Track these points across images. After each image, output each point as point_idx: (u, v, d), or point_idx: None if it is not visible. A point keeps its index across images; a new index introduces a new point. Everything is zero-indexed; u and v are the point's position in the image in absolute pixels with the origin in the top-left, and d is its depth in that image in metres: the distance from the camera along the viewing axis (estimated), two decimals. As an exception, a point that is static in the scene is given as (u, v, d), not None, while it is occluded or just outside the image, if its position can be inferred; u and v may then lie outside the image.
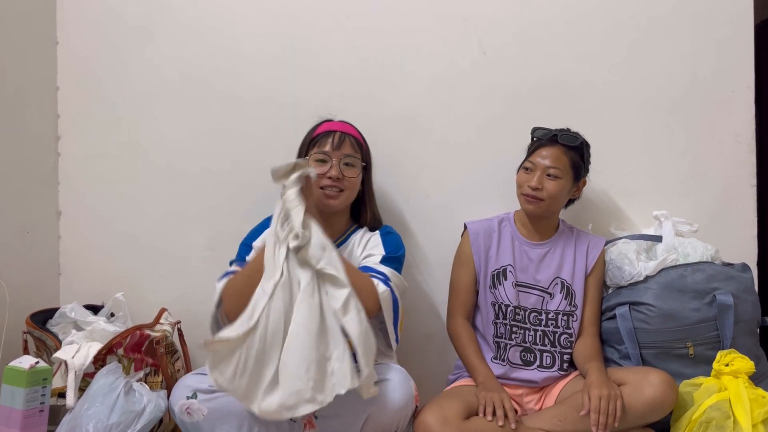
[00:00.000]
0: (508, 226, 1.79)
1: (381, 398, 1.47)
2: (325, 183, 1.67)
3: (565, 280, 1.73)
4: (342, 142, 1.70)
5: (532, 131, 1.78)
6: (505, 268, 1.74)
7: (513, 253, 1.75)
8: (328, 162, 1.68)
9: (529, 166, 1.71)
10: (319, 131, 1.73)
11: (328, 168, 1.68)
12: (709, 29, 1.93)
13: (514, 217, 1.81)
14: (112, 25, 2.11)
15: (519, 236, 1.77)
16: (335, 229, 1.73)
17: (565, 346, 1.71)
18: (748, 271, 1.73)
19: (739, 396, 1.46)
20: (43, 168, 2.07)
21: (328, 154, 1.68)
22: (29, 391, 1.59)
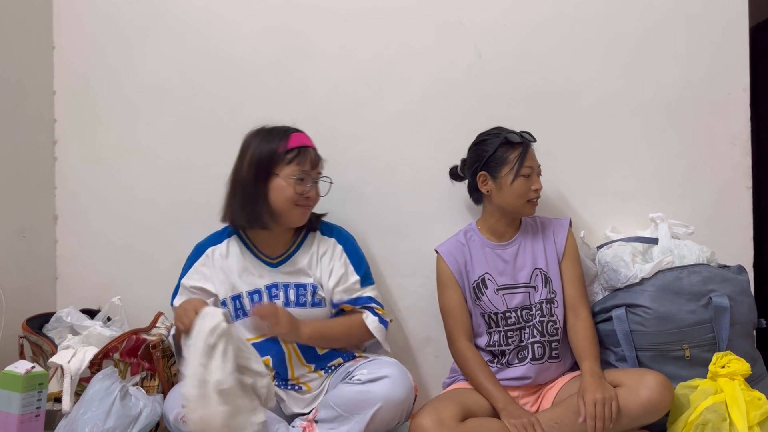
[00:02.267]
0: (474, 236, 1.79)
1: (384, 396, 1.49)
2: (302, 202, 1.66)
3: (542, 269, 1.73)
4: (317, 160, 1.69)
5: (509, 137, 1.71)
6: (483, 276, 1.74)
7: (486, 260, 1.75)
8: (306, 181, 1.65)
9: (528, 171, 1.70)
10: (292, 144, 1.66)
11: (308, 188, 1.66)
12: (704, 32, 1.93)
13: (478, 226, 1.80)
14: (108, 30, 2.11)
15: (488, 242, 1.77)
16: (285, 240, 1.74)
17: (552, 334, 1.70)
18: (744, 273, 1.73)
19: (735, 398, 1.46)
20: (39, 172, 2.07)
21: (308, 173, 1.66)
22: (25, 396, 1.59)
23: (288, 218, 1.67)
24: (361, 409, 1.49)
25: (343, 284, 1.71)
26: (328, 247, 1.74)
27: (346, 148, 1.97)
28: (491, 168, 1.72)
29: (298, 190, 1.64)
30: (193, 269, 1.74)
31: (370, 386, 1.51)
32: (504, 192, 1.71)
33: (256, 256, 1.72)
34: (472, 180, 1.78)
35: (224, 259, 1.73)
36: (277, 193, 1.64)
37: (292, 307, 1.68)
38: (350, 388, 1.53)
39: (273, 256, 1.72)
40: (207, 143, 2.07)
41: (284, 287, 1.70)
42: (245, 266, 1.71)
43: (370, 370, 1.54)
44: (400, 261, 1.99)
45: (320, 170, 1.71)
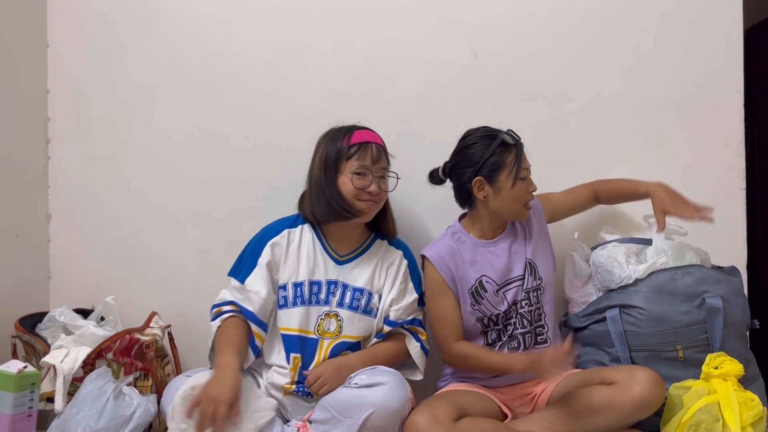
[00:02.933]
0: (462, 237, 1.73)
1: (378, 402, 1.48)
2: (364, 197, 1.67)
3: (531, 260, 1.71)
4: (380, 155, 1.69)
5: (505, 138, 1.65)
6: (480, 280, 1.69)
7: (481, 261, 1.71)
8: (367, 176, 1.67)
9: (525, 174, 1.66)
10: (354, 140, 1.68)
11: (369, 182, 1.67)
12: (699, 34, 1.94)
13: (464, 226, 1.75)
14: (102, 29, 2.10)
15: (479, 242, 1.72)
16: (354, 238, 1.76)
17: (537, 320, 1.70)
18: (738, 274, 1.74)
19: (728, 399, 1.46)
20: (33, 171, 2.06)
21: (368, 168, 1.67)
22: (17, 396, 1.58)
23: (354, 211, 1.67)
24: (354, 413, 1.48)
25: (402, 301, 1.72)
26: (395, 258, 1.75)
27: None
28: (487, 172, 1.65)
29: (357, 185, 1.65)
30: (269, 248, 1.71)
31: (365, 391, 1.50)
32: (502, 197, 1.66)
33: (326, 249, 1.74)
34: (463, 185, 1.70)
35: (298, 243, 1.73)
36: (342, 189, 1.66)
37: (345, 308, 1.70)
38: (347, 391, 1.53)
39: (341, 254, 1.74)
40: (200, 143, 2.06)
41: (342, 287, 1.71)
42: (314, 256, 1.72)
43: (369, 376, 1.53)
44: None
45: (384, 165, 1.70)
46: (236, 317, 1.66)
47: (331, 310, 1.69)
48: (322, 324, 1.69)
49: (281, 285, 1.70)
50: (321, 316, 1.69)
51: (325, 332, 1.68)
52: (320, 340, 1.67)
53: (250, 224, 1.82)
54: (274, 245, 1.71)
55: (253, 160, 2.03)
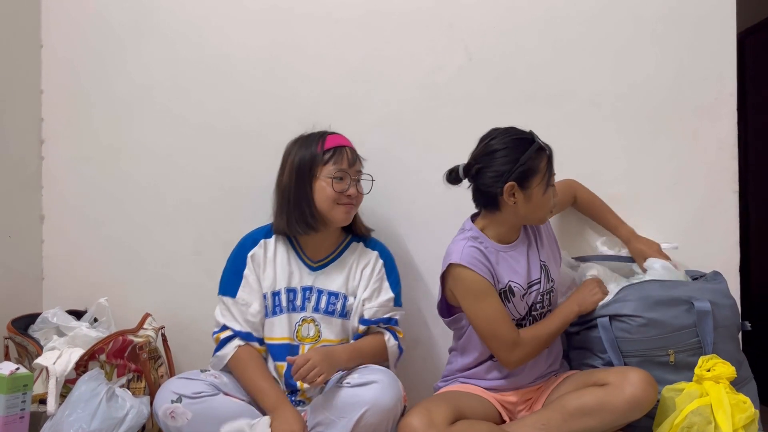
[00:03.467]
0: (484, 241, 1.66)
1: (371, 400, 1.48)
2: (344, 201, 1.68)
3: (544, 262, 1.71)
4: (355, 158, 1.72)
5: (544, 147, 1.63)
6: (509, 284, 1.65)
7: (505, 265, 1.66)
8: (345, 179, 1.68)
9: (554, 181, 1.64)
10: (328, 145, 1.69)
11: (347, 186, 1.68)
12: (692, 37, 1.94)
13: (482, 230, 1.68)
14: (97, 29, 2.10)
15: (500, 246, 1.67)
16: (329, 244, 1.77)
17: None
18: (720, 278, 1.75)
19: (720, 401, 1.47)
20: (26, 172, 2.06)
21: (346, 172, 1.68)
22: (9, 398, 1.57)
23: (332, 218, 1.69)
24: (348, 412, 1.48)
25: (377, 299, 1.72)
26: (370, 259, 1.76)
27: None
28: (521, 178, 1.59)
29: (337, 189, 1.66)
30: (250, 260, 1.72)
31: (358, 390, 1.50)
32: (533, 204, 1.61)
33: (300, 257, 1.75)
34: (488, 188, 1.61)
35: (273, 252, 1.74)
36: (319, 194, 1.67)
37: (320, 313, 1.72)
38: (340, 391, 1.52)
39: (315, 260, 1.75)
40: (195, 144, 2.06)
41: (317, 292, 1.72)
42: (289, 264, 1.73)
43: (361, 375, 1.54)
44: (389, 263, 1.99)
45: (359, 168, 1.73)
46: (245, 346, 1.67)
47: (308, 315, 1.72)
48: (300, 330, 1.71)
49: (263, 294, 1.72)
50: (298, 322, 1.71)
51: (304, 338, 1.71)
52: (301, 346, 1.70)
53: (244, 225, 1.82)
54: (254, 256, 1.73)
55: (248, 161, 2.03)
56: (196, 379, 1.58)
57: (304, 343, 1.70)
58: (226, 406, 1.56)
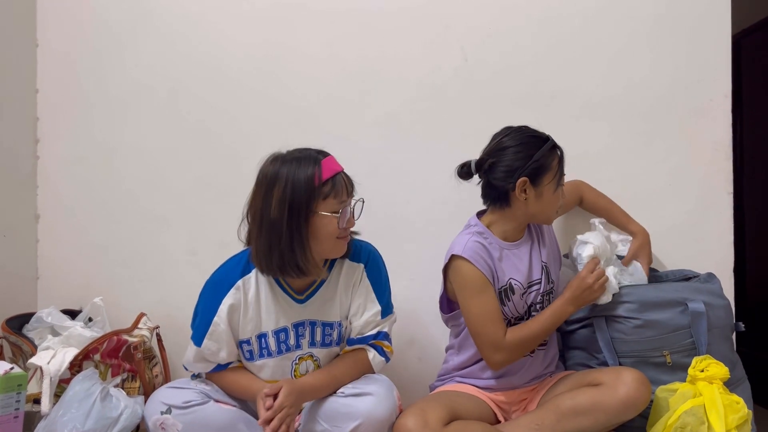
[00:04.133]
0: (489, 237, 1.66)
1: (367, 412, 1.46)
2: (343, 234, 1.50)
3: (546, 263, 1.71)
4: (351, 183, 1.53)
5: (557, 147, 1.65)
6: (510, 282, 1.65)
7: (508, 262, 1.67)
8: (345, 212, 1.49)
9: (564, 180, 1.67)
10: (326, 175, 1.47)
11: (347, 218, 1.51)
12: (687, 39, 1.94)
13: (488, 228, 1.68)
14: (93, 29, 2.10)
15: (504, 243, 1.67)
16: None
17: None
18: (714, 279, 1.75)
19: (713, 402, 1.47)
20: (21, 171, 2.06)
21: (345, 203, 1.49)
22: (4, 397, 1.57)
23: (332, 254, 1.53)
24: (342, 423, 1.46)
25: (363, 316, 1.58)
26: (356, 274, 1.59)
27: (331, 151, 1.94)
28: (533, 175, 1.60)
29: (342, 224, 1.48)
30: (223, 308, 1.54)
31: (353, 401, 1.48)
32: (543, 201, 1.62)
33: (285, 291, 1.57)
34: (500, 183, 1.62)
35: (255, 292, 1.55)
36: (320, 231, 1.47)
37: (318, 347, 1.60)
38: (334, 400, 1.51)
39: (300, 291, 1.57)
40: (191, 144, 2.06)
41: (311, 325, 1.58)
42: (274, 301, 1.56)
43: (355, 385, 1.52)
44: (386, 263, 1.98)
45: (352, 195, 1.53)
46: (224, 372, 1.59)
47: (304, 352, 1.59)
48: (298, 368, 1.60)
49: (245, 340, 1.57)
50: (295, 361, 1.59)
51: (303, 375, 1.58)
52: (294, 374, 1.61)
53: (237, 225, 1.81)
54: (230, 306, 1.54)
55: (244, 161, 2.02)
56: (186, 388, 1.55)
57: None
58: (217, 413, 1.53)
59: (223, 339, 1.54)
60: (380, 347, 1.61)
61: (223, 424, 1.53)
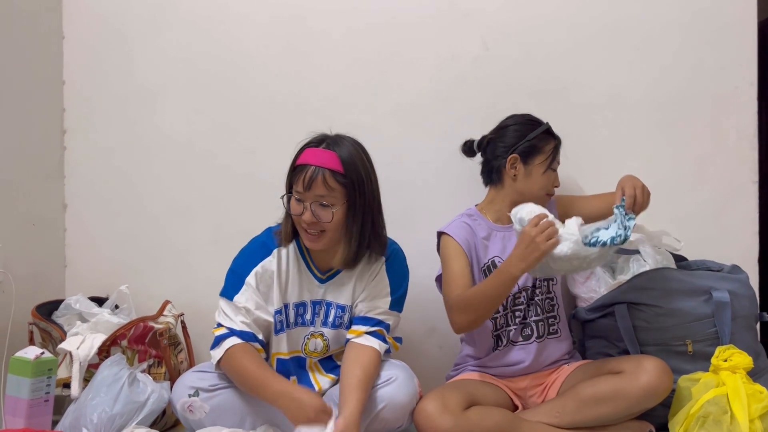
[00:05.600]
0: (478, 219, 1.74)
1: (388, 398, 1.50)
2: (303, 226, 1.54)
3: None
4: (313, 181, 1.49)
5: (544, 128, 1.71)
6: (493, 259, 1.71)
7: (495, 243, 1.73)
8: (302, 203, 1.52)
9: (556, 167, 1.73)
10: (300, 160, 1.54)
11: (302, 210, 1.52)
12: (712, 26, 1.92)
13: (481, 211, 1.77)
14: (118, 20, 2.12)
15: (494, 225, 1.74)
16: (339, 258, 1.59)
17: (549, 310, 1.71)
18: (741, 272, 1.73)
19: (736, 391, 1.46)
20: (49, 161, 2.10)
21: (302, 195, 1.52)
22: (34, 381, 1.61)
23: (302, 237, 1.58)
24: (365, 409, 1.49)
25: (371, 300, 1.60)
26: (376, 267, 1.62)
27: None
28: (525, 153, 1.70)
29: (291, 210, 1.54)
30: (258, 270, 1.60)
31: (375, 387, 1.51)
32: (532, 180, 1.70)
33: (309, 268, 1.63)
34: (495, 160, 1.72)
35: (286, 263, 1.62)
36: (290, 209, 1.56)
37: (328, 327, 1.64)
38: None
39: (323, 270, 1.63)
40: (212, 134, 2.08)
41: (326, 305, 1.64)
42: (298, 276, 1.62)
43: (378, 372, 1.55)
44: (405, 251, 1.98)
45: (320, 192, 1.50)
46: (241, 344, 1.54)
47: (316, 330, 1.63)
48: (308, 344, 1.64)
49: (276, 310, 1.61)
50: (307, 336, 1.63)
51: (311, 352, 1.64)
52: (308, 359, 1.65)
53: (261, 215, 1.82)
54: (264, 268, 1.60)
55: (265, 150, 2.05)
56: (211, 372, 1.58)
57: (312, 357, 1.65)
58: (243, 397, 1.57)
59: (252, 298, 1.57)
60: (380, 335, 1.59)
61: (249, 408, 1.56)
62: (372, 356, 1.55)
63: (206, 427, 1.54)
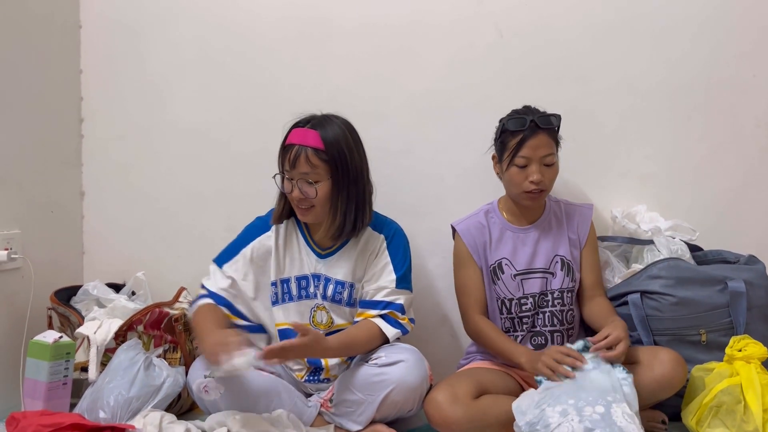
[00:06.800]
0: (494, 216, 1.76)
1: (397, 379, 1.51)
2: (293, 202, 1.65)
3: (563, 257, 1.72)
4: (297, 159, 1.58)
5: (505, 122, 1.69)
6: (500, 261, 1.71)
7: (506, 244, 1.72)
8: (290, 181, 1.62)
9: (523, 162, 1.64)
10: (287, 141, 1.64)
11: (291, 188, 1.62)
12: (730, 12, 1.89)
13: (499, 207, 1.78)
14: (133, 9, 2.13)
15: (508, 225, 1.75)
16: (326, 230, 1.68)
17: (570, 322, 1.71)
18: (758, 262, 1.71)
19: (750, 381, 1.45)
20: (67, 149, 2.12)
21: (289, 173, 1.62)
22: (53, 365, 1.64)
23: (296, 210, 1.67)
24: (375, 391, 1.52)
25: (377, 281, 1.65)
26: (376, 244, 1.69)
27: (365, 128, 1.95)
28: (499, 151, 1.72)
29: (281, 188, 1.65)
30: (255, 244, 1.72)
31: (385, 369, 1.53)
32: (505, 178, 1.71)
33: (308, 244, 1.72)
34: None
35: (284, 239, 1.72)
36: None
37: (329, 301, 1.70)
38: (367, 370, 1.55)
39: (323, 247, 1.71)
40: (229, 121, 2.10)
41: (325, 280, 1.70)
42: (299, 251, 1.72)
43: (388, 354, 1.56)
44: (418, 241, 1.99)
45: (305, 170, 1.58)
46: (209, 303, 1.66)
47: (319, 302, 1.70)
48: (315, 316, 1.71)
49: (272, 282, 1.71)
50: (313, 308, 1.71)
51: (319, 323, 1.71)
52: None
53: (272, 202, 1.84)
54: (261, 243, 1.71)
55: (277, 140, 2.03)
56: None
57: (319, 329, 1.69)
58: (258, 379, 1.60)
59: (240, 270, 1.69)
60: (392, 318, 1.63)
61: (263, 389, 1.59)
62: (370, 329, 1.60)
63: (221, 408, 1.57)
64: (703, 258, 1.79)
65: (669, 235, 1.78)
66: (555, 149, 1.69)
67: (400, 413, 1.57)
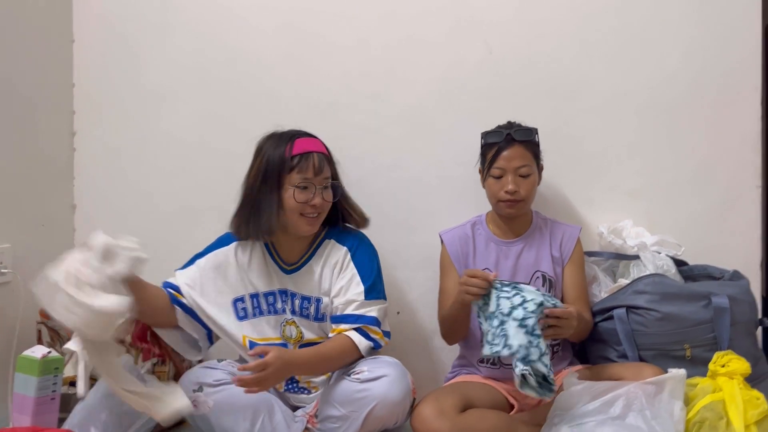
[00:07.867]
0: (481, 229, 1.80)
1: (380, 395, 1.51)
2: (308, 211, 1.63)
3: (545, 273, 1.73)
4: (322, 165, 1.63)
5: (484, 136, 1.76)
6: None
7: (490, 256, 1.75)
8: (310, 189, 1.62)
9: (498, 172, 1.69)
10: (296, 151, 1.62)
11: (312, 196, 1.62)
12: (716, 29, 1.91)
13: (486, 219, 1.82)
14: (127, 23, 2.15)
15: (494, 237, 1.78)
16: (303, 246, 1.72)
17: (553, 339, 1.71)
18: (742, 277, 1.73)
19: (733, 397, 1.46)
20: (58, 163, 2.13)
21: (311, 182, 1.62)
22: (42, 380, 1.64)
23: (296, 230, 1.66)
24: (359, 408, 1.51)
25: (345, 295, 1.64)
26: (339, 256, 1.69)
27: (356, 142, 2.00)
28: (481, 163, 1.78)
29: (299, 199, 1.61)
30: (214, 255, 1.75)
31: (368, 384, 1.52)
32: (486, 189, 1.76)
33: (274, 260, 1.73)
34: None
35: (249, 255, 1.74)
36: (285, 203, 1.62)
37: (297, 316, 1.71)
38: (349, 386, 1.55)
39: (289, 263, 1.73)
40: (221, 136, 2.11)
41: (291, 296, 1.72)
42: (265, 267, 1.73)
43: (370, 369, 1.55)
44: (408, 254, 2.01)
45: (327, 175, 1.64)
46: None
47: (289, 317, 1.72)
48: (285, 330, 1.72)
49: (239, 297, 1.72)
50: (282, 323, 1.72)
51: (288, 338, 1.72)
52: (289, 345, 1.71)
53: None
54: (216, 256, 1.74)
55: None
56: (216, 368, 1.63)
57: (290, 343, 1.71)
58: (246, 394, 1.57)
59: (191, 278, 1.72)
60: (365, 331, 1.62)
61: (251, 403, 1.58)
62: (342, 343, 1.59)
63: (211, 422, 1.57)
64: (688, 273, 1.81)
65: (655, 250, 1.80)
66: (532, 161, 1.71)
67: (385, 427, 1.57)
